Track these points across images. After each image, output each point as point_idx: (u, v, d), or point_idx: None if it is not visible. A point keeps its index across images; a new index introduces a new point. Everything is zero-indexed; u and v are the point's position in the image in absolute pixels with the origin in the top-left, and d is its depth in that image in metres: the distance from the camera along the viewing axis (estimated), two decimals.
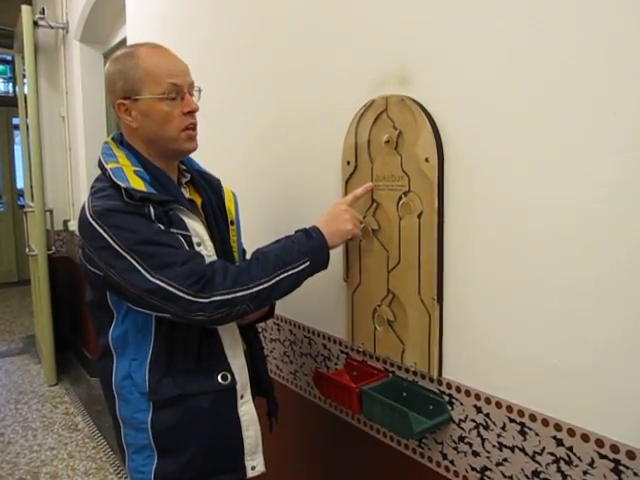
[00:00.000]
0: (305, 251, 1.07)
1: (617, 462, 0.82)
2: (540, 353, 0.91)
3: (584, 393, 0.85)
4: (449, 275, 1.05)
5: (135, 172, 1.07)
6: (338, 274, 1.32)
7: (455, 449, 1.08)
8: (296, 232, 1.12)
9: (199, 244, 1.09)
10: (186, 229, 1.07)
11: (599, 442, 0.84)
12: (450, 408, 1.08)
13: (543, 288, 0.90)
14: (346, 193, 1.25)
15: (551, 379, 0.90)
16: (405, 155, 1.10)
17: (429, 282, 1.07)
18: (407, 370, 1.17)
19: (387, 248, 1.17)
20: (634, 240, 0.78)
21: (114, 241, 0.98)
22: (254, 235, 1.46)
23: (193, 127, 1.11)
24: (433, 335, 1.08)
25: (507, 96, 0.92)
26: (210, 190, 1.25)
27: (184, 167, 1.22)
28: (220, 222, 1.23)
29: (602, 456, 0.84)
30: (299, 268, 1.06)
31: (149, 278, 0.97)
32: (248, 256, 1.34)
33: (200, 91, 1.16)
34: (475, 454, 1.04)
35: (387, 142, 1.13)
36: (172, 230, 1.04)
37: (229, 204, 1.28)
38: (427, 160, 1.04)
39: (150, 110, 1.07)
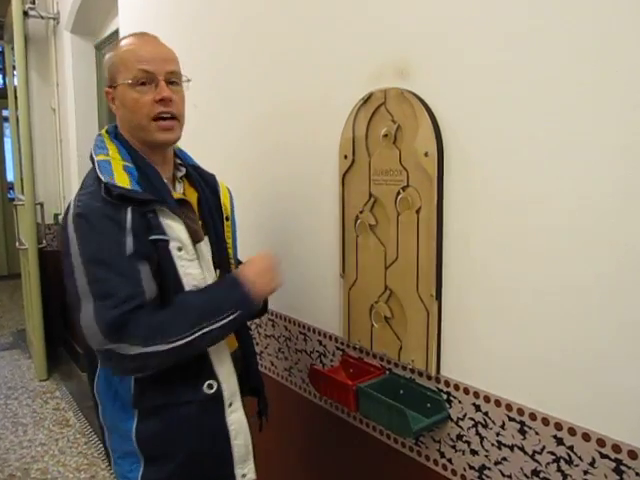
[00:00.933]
0: (235, 302, 1.02)
1: (619, 462, 0.81)
2: (541, 351, 0.90)
3: (585, 391, 0.84)
4: (448, 272, 1.04)
5: (124, 167, 1.04)
6: (334, 270, 1.30)
7: (453, 447, 1.07)
8: (226, 277, 1.10)
9: (180, 249, 1.04)
10: (164, 233, 1.02)
11: (600, 441, 0.83)
12: (448, 406, 1.06)
13: (543, 285, 0.88)
14: (343, 188, 1.23)
15: (552, 377, 0.88)
16: (404, 149, 1.08)
17: (427, 278, 1.06)
18: (404, 367, 1.16)
19: (384, 244, 1.15)
20: (634, 237, 0.77)
21: (75, 249, 0.98)
22: (247, 231, 1.44)
23: (165, 116, 1.07)
24: (431, 332, 1.06)
25: (510, 89, 0.90)
26: (205, 185, 1.22)
27: (179, 161, 1.20)
28: (216, 218, 1.20)
29: (603, 456, 0.83)
30: (227, 319, 1.01)
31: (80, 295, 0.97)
32: (240, 256, 1.34)
33: (188, 81, 1.13)
34: (473, 452, 1.03)
35: (385, 136, 1.11)
36: (150, 237, 1.00)
37: (224, 200, 1.25)
38: (426, 155, 1.02)
39: (123, 97, 1.07)
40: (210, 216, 1.18)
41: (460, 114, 0.98)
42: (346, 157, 1.21)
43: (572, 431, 0.86)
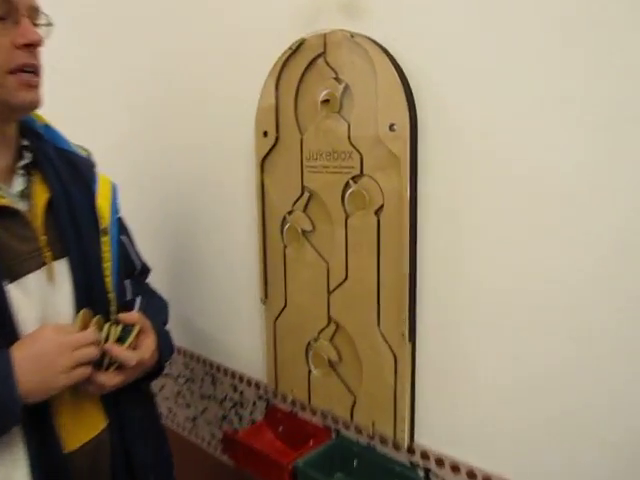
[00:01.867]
0: None
1: None
2: (572, 408, 0.60)
3: None
4: (426, 300, 0.71)
5: None
6: (252, 292, 0.94)
7: None
8: None
9: None
10: None
11: None
12: None
13: (567, 318, 0.59)
14: (262, 178, 0.87)
15: (591, 450, 0.60)
16: (355, 121, 0.74)
17: (395, 309, 0.73)
18: (359, 430, 0.83)
19: (326, 258, 0.81)
20: None
21: None
22: None
23: (31, 70, 0.69)
24: (401, 385, 0.74)
25: (513, 34, 0.59)
26: (72, 180, 0.79)
27: (26, 142, 0.76)
28: (84, 230, 0.77)
29: None
30: None
31: None
32: (151, 279, 0.93)
33: (49, 25, 0.72)
34: None
35: (326, 102, 0.76)
36: None
37: (102, 202, 0.81)
38: (392, 128, 0.69)
39: None
40: (73, 227, 0.75)
41: (443, 67, 0.66)
42: (266, 134, 0.85)
43: None
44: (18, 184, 0.74)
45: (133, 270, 0.90)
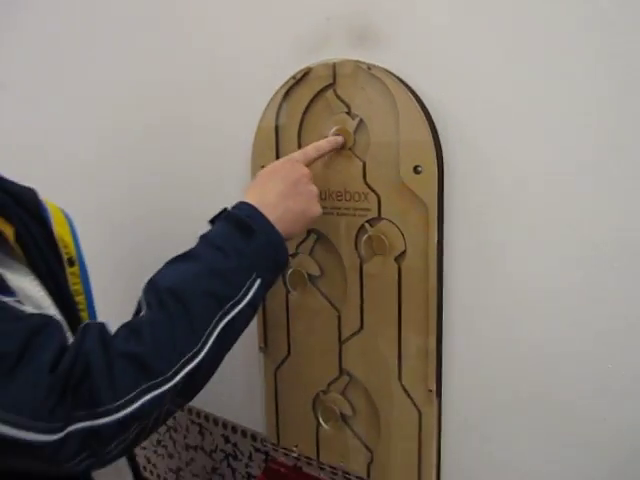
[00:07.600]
0: (249, 263, 0.55)
1: None
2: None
3: None
4: (456, 353, 0.66)
5: None
6: (250, 340, 0.86)
7: None
8: (215, 223, 0.61)
9: None
10: (7, 291, 0.52)
11: None
12: None
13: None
14: None
15: None
16: (371, 160, 0.68)
17: (419, 362, 0.68)
18: None
19: (337, 306, 0.74)
20: None
21: None
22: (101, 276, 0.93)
23: None
24: (426, 444, 0.69)
25: (552, 65, 0.55)
26: (26, 214, 0.69)
27: None
28: (51, 263, 0.68)
29: None
30: (248, 297, 0.54)
31: None
32: None
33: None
34: None
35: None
36: None
37: (61, 230, 0.72)
38: (417, 170, 0.63)
39: None
40: (42, 260, 0.66)
41: (470, 103, 0.61)
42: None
43: None
44: None
45: None
